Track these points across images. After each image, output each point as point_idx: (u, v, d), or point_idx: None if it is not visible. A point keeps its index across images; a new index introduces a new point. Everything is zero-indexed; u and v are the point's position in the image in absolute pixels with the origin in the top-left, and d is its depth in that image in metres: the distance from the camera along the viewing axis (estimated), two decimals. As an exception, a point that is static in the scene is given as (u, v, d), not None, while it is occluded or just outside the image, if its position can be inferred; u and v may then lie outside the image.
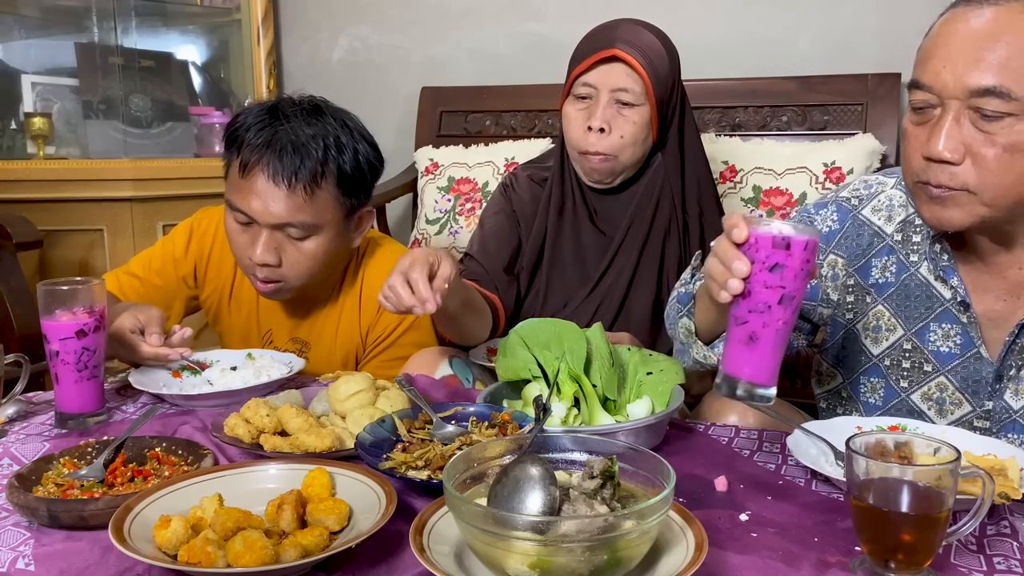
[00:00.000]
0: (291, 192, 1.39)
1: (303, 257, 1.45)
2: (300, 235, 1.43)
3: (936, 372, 1.19)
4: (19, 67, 2.80)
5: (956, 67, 1.00)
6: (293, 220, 1.41)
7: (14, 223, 2.25)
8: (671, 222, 1.61)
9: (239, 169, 1.42)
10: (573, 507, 0.78)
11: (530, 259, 1.65)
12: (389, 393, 1.19)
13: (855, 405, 1.28)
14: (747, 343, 0.94)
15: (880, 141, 2.16)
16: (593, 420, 1.12)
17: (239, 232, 1.45)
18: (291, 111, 1.44)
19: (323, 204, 1.43)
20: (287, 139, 1.40)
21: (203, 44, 3.26)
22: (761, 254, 0.92)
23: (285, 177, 1.38)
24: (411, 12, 2.94)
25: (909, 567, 0.78)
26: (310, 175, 1.39)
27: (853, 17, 2.38)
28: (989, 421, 1.16)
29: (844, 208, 1.25)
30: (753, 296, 0.93)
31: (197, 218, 1.67)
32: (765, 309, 0.92)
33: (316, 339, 1.61)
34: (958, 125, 1.01)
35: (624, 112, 1.53)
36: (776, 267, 0.91)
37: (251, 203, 1.40)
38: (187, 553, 0.77)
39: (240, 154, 1.42)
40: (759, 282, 0.92)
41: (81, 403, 1.21)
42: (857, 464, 0.79)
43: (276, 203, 1.40)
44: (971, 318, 1.14)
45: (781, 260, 0.91)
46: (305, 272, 1.47)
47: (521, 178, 1.71)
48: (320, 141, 1.41)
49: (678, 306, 1.25)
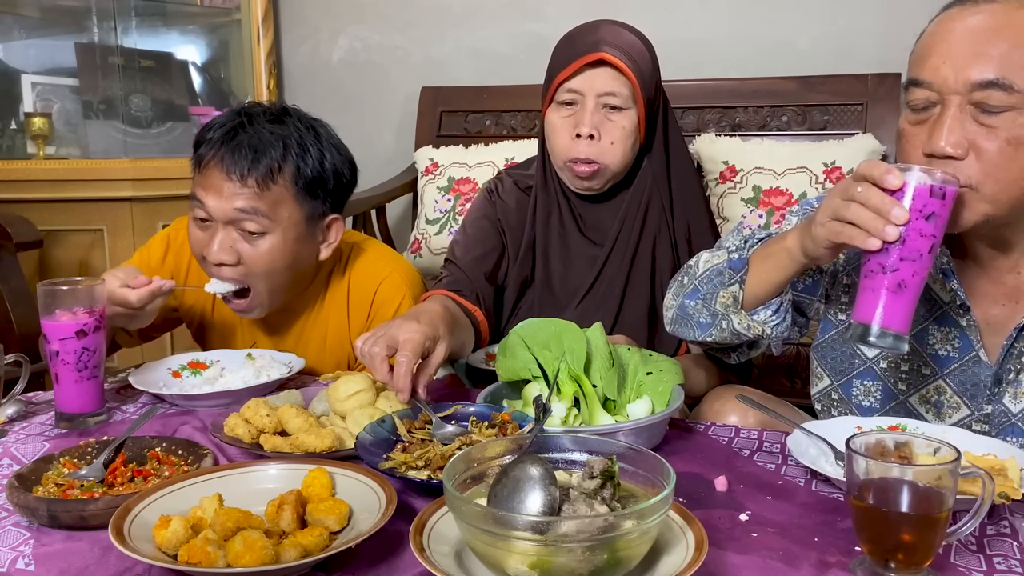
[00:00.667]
0: (243, 185, 1.38)
1: (259, 256, 1.42)
2: (255, 230, 1.40)
3: (934, 375, 1.19)
4: (19, 67, 2.81)
5: (957, 62, 1.00)
6: (246, 209, 1.39)
7: (14, 223, 2.26)
8: (661, 226, 1.57)
9: (196, 164, 1.43)
10: (573, 507, 0.78)
11: (520, 274, 1.61)
12: (389, 393, 1.19)
13: (848, 407, 1.27)
14: (895, 291, 0.95)
15: (880, 141, 2.16)
16: (593, 420, 1.12)
17: (199, 232, 1.44)
18: (256, 112, 1.45)
19: (277, 200, 1.41)
20: (244, 137, 1.40)
21: (203, 44, 3.26)
22: (918, 202, 0.93)
23: (238, 169, 1.38)
24: (411, 12, 2.94)
25: (909, 567, 0.78)
26: (264, 169, 1.39)
27: (853, 17, 2.38)
28: (988, 425, 1.16)
29: None
30: (908, 244, 0.94)
31: (174, 228, 1.65)
32: (917, 257, 0.93)
33: (303, 351, 1.55)
34: (960, 120, 1.01)
35: (612, 117, 1.48)
36: (932, 216, 0.93)
37: (206, 197, 1.40)
38: (187, 553, 0.77)
39: (199, 150, 1.43)
40: (915, 230, 0.93)
41: (81, 403, 1.21)
42: (857, 464, 0.79)
43: (229, 196, 1.39)
44: (970, 321, 1.14)
45: (936, 209, 0.93)
46: (264, 273, 1.43)
47: (507, 183, 1.66)
48: (280, 141, 1.41)
49: (729, 272, 1.20)
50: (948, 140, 1.01)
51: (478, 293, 1.55)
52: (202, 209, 1.41)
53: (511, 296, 1.62)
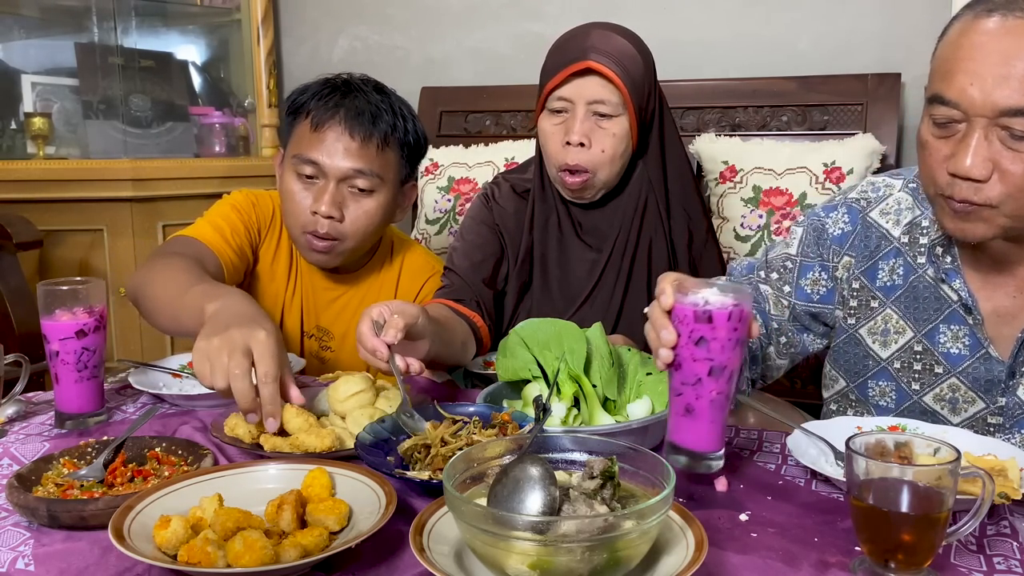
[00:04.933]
0: (364, 145, 1.48)
1: (363, 214, 1.51)
2: (366, 187, 1.50)
3: (947, 374, 1.19)
4: (19, 67, 2.80)
5: (985, 84, 0.98)
6: (363, 169, 1.48)
7: (14, 223, 2.26)
8: (658, 229, 1.57)
9: (311, 126, 1.49)
10: (573, 507, 0.78)
11: (518, 280, 1.61)
12: (389, 393, 1.19)
13: (865, 407, 1.27)
14: (685, 415, 0.92)
15: (880, 141, 2.15)
16: (593, 420, 1.12)
17: (301, 189, 1.50)
18: (354, 82, 1.55)
19: (387, 163, 1.52)
20: (362, 101, 1.51)
21: (203, 44, 3.26)
22: (685, 327, 0.90)
23: (360, 131, 1.48)
24: (411, 12, 2.94)
25: (909, 567, 0.78)
26: (382, 133, 1.50)
27: (853, 17, 2.38)
28: (1003, 417, 1.16)
29: (855, 209, 1.25)
30: (683, 368, 0.91)
31: (248, 192, 1.66)
32: (696, 382, 0.90)
33: (333, 324, 1.64)
34: (986, 142, 1.00)
35: (603, 124, 1.47)
36: (701, 340, 0.89)
37: (323, 153, 1.48)
38: (187, 553, 0.77)
39: (311, 114, 1.50)
40: (687, 355, 0.90)
41: (81, 403, 1.21)
42: (857, 464, 0.79)
43: (349, 153, 1.48)
44: (976, 320, 1.14)
45: (706, 334, 0.89)
46: (363, 231, 1.52)
47: (504, 188, 1.66)
48: (389, 108, 1.52)
49: None
50: (973, 163, 0.99)
51: (478, 301, 1.56)
52: (312, 166, 1.49)
53: (510, 301, 1.62)
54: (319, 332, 1.65)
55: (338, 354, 1.65)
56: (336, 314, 1.64)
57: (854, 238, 1.24)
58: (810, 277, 1.27)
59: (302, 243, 1.53)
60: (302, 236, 1.52)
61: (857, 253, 1.24)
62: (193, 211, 1.71)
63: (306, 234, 1.51)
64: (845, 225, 1.24)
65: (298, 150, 1.50)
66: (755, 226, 2.17)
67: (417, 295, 1.65)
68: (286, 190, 1.52)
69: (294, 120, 1.54)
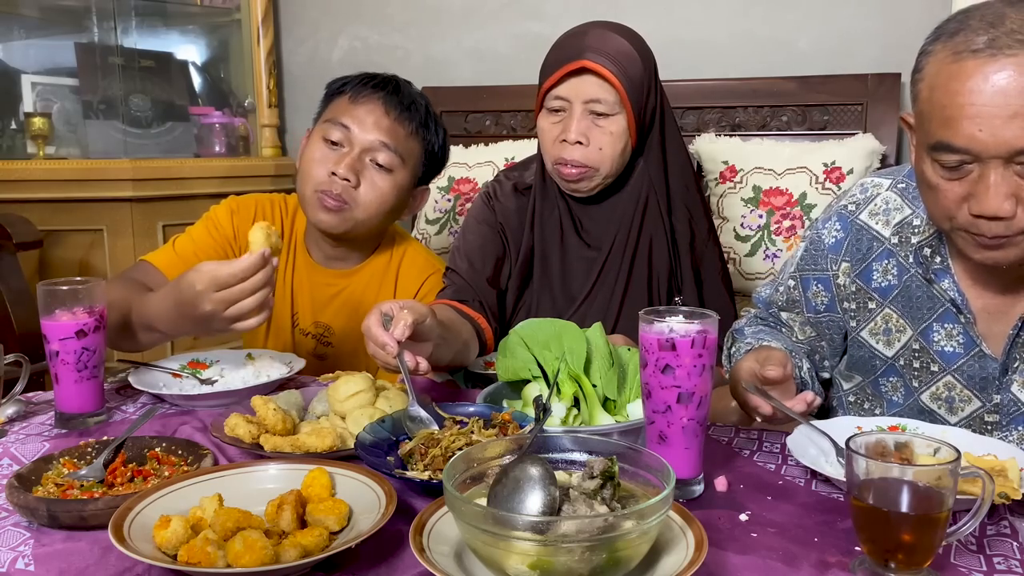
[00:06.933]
0: (395, 124, 1.54)
1: (377, 188, 1.54)
2: (386, 163, 1.54)
3: (943, 372, 1.20)
4: (19, 67, 2.80)
5: (992, 126, 0.96)
6: (388, 144, 1.53)
7: (14, 223, 2.26)
8: (658, 227, 1.57)
9: (349, 98, 1.55)
10: (573, 507, 0.78)
11: (519, 277, 1.61)
12: (389, 393, 1.19)
13: (880, 401, 1.30)
14: (659, 443, 0.93)
15: (880, 141, 2.16)
16: (593, 420, 1.12)
17: (324, 154, 1.53)
18: (403, 81, 1.62)
19: (411, 150, 1.58)
20: (404, 92, 1.58)
21: (203, 44, 3.26)
22: (652, 356, 0.92)
23: (395, 110, 1.54)
24: (411, 12, 2.94)
25: (909, 567, 0.78)
26: (417, 120, 1.57)
27: (853, 17, 2.38)
28: (998, 415, 1.17)
29: (844, 216, 1.27)
30: (652, 397, 0.93)
31: (232, 199, 1.69)
32: (665, 409, 0.92)
33: (333, 318, 1.65)
34: (1004, 180, 0.98)
35: (600, 123, 1.47)
36: (667, 368, 0.91)
37: (355, 121, 1.53)
38: (187, 553, 0.77)
39: (351, 91, 1.56)
40: (655, 384, 0.92)
41: (81, 403, 1.21)
42: (857, 464, 0.79)
43: (379, 127, 1.53)
44: (967, 318, 1.15)
45: (671, 361, 0.91)
46: (374, 205, 1.55)
47: (506, 187, 1.66)
48: (425, 108, 1.60)
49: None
50: (998, 203, 0.98)
51: (481, 301, 1.56)
52: (341, 131, 1.54)
53: (511, 299, 1.62)
54: (318, 328, 1.65)
55: (338, 349, 1.64)
56: (336, 309, 1.64)
57: (847, 243, 1.26)
58: (812, 290, 1.31)
59: (313, 201, 1.54)
60: (314, 195, 1.53)
61: (852, 257, 1.26)
62: (193, 211, 1.71)
63: (318, 192, 1.52)
64: (838, 233, 1.27)
65: (331, 115, 1.56)
66: (755, 226, 2.17)
67: (417, 293, 1.65)
68: (307, 156, 1.56)
69: (330, 99, 1.59)
